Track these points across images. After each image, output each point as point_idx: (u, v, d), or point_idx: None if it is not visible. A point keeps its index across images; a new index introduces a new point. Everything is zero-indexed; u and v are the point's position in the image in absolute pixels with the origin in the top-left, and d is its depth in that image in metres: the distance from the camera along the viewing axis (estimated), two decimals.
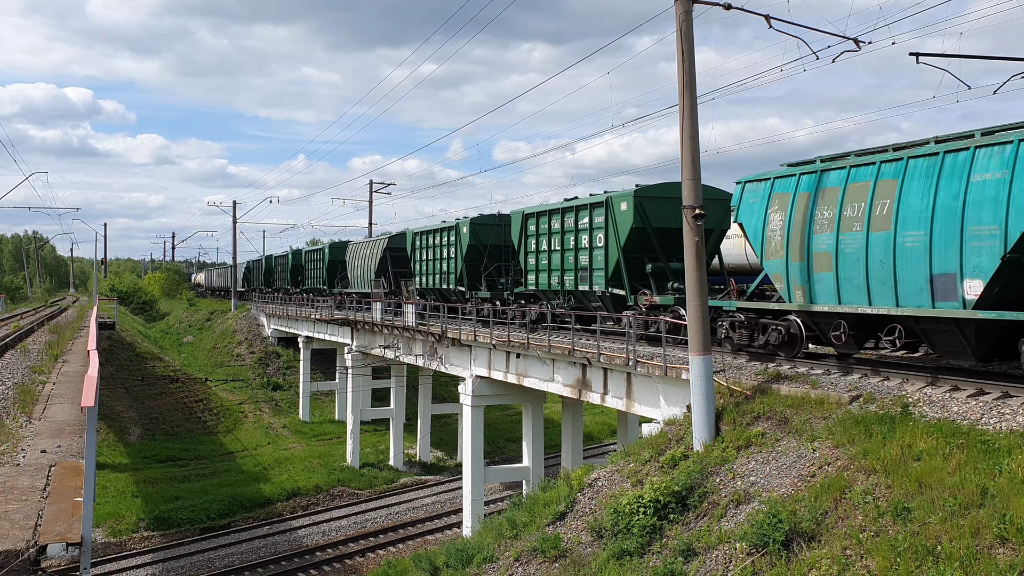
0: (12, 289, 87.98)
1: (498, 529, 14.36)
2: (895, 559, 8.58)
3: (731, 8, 14.08)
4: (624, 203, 20.81)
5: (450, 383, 40.75)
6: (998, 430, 10.25)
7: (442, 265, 31.56)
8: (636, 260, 20.93)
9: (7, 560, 7.41)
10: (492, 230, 29.35)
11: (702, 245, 13.96)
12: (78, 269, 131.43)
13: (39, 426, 13.67)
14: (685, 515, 11.73)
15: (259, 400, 45.19)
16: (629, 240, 20.68)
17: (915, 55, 14.26)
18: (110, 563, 25.29)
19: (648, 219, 20.50)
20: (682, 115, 13.67)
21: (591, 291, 22.20)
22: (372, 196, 57.00)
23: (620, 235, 20.92)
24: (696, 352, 13.52)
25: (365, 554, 26.43)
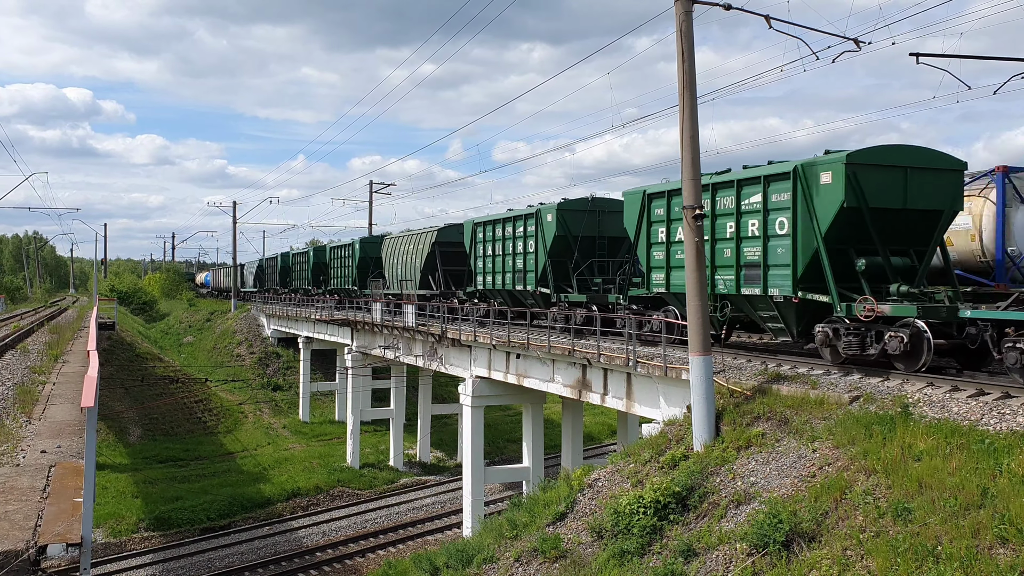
0: (12, 289, 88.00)
1: (498, 529, 14.36)
2: (895, 559, 8.58)
3: (731, 8, 14.08)
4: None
5: (450, 383, 40.74)
6: (998, 430, 10.25)
7: (515, 262, 26.46)
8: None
9: (7, 561, 7.41)
10: (583, 218, 24.02)
11: (702, 245, 13.97)
12: (78, 269, 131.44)
13: (39, 426, 13.66)
14: (685, 515, 11.72)
15: (259, 400, 45.18)
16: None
17: (915, 55, 14.28)
18: (110, 563, 25.28)
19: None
20: (682, 115, 13.67)
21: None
22: (372, 196, 57.02)
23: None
24: (696, 352, 13.52)
25: (365, 554, 26.42)
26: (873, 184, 14.42)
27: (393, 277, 37.81)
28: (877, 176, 14.47)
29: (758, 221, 15.82)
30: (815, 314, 15.17)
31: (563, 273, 24.04)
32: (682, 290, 15.85)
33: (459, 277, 32.89)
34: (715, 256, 16.70)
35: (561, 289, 23.96)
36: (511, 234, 26.43)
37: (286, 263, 62.02)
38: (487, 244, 27.84)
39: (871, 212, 14.42)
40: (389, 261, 38.30)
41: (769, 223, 15.60)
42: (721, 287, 16.62)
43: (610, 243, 24.18)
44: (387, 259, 38.59)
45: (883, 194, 14.51)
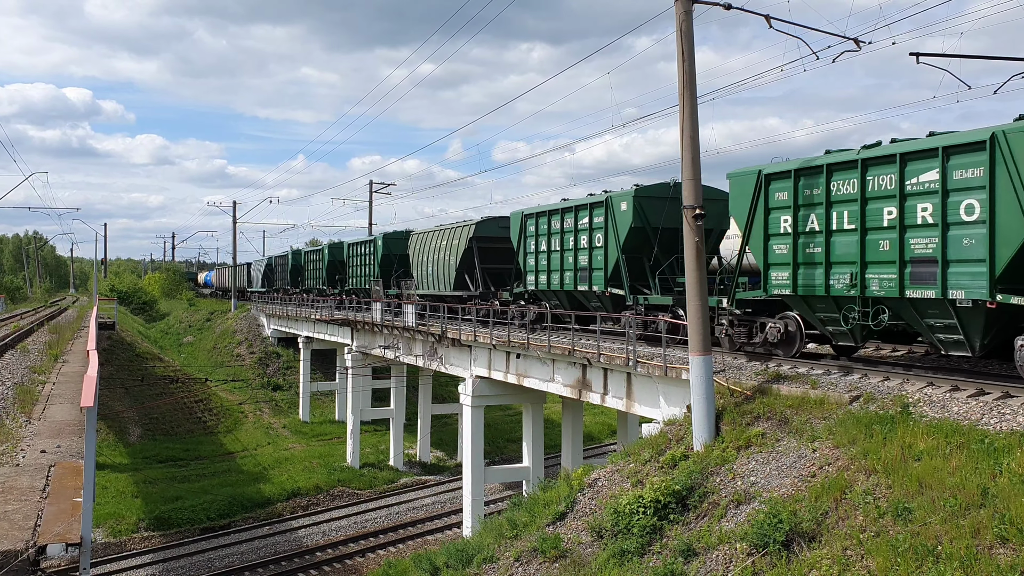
0: (12, 289, 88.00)
1: (498, 529, 14.36)
2: (895, 559, 8.57)
3: (731, 8, 14.08)
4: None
5: (450, 383, 40.75)
6: (998, 430, 10.25)
7: (577, 258, 22.45)
8: None
9: (7, 560, 7.41)
10: (664, 207, 20.21)
11: (702, 245, 13.96)
12: (78, 269, 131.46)
13: (39, 426, 13.66)
14: (685, 515, 11.72)
15: (259, 400, 45.18)
16: None
17: (915, 55, 14.26)
18: (110, 563, 25.28)
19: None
20: (682, 115, 13.67)
21: None
22: (372, 196, 57.03)
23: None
24: (696, 352, 13.52)
25: (365, 554, 26.42)
26: None
27: (423, 276, 34.24)
28: None
29: (932, 205, 12.65)
30: (1013, 323, 12.36)
31: (639, 271, 20.64)
32: (816, 291, 14.24)
33: (500, 276, 29.77)
34: (865, 250, 13.59)
35: (637, 290, 20.51)
36: (572, 226, 22.55)
37: (298, 262, 57.93)
38: (541, 238, 24.16)
39: None
40: (418, 259, 34.71)
41: (950, 207, 12.44)
42: (875, 288, 13.47)
43: None
44: (416, 256, 35.07)
45: None
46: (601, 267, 21.28)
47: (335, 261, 48.83)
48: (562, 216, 23.07)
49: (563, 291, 23.01)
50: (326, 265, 49.34)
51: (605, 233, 21.08)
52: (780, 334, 15.62)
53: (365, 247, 42.67)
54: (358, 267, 43.83)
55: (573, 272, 22.54)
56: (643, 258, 20.41)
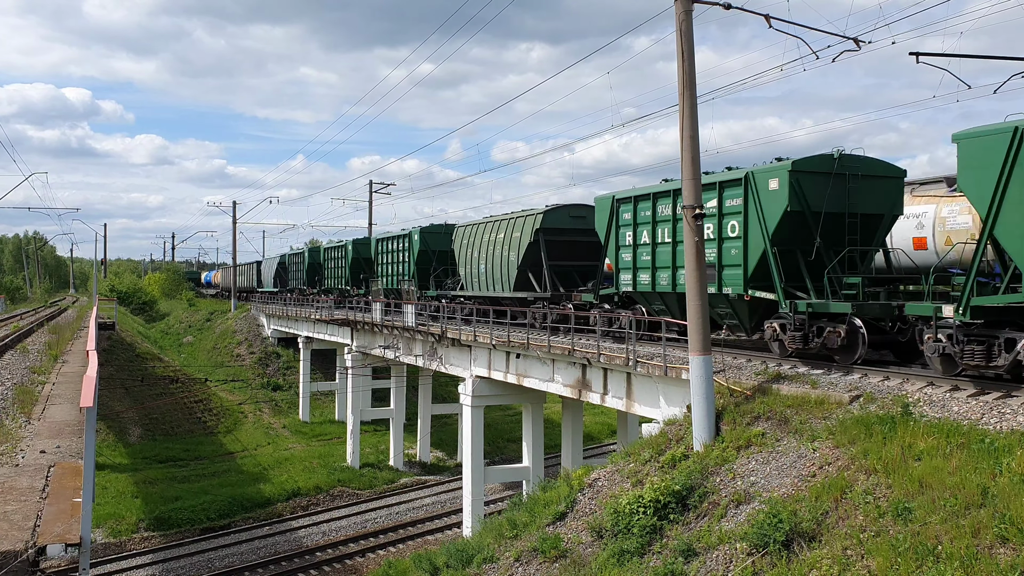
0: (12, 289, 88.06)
1: (498, 529, 14.36)
2: (896, 559, 8.57)
3: (731, 8, 14.07)
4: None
5: (450, 383, 40.72)
6: (999, 430, 10.25)
7: None
8: None
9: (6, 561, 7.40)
10: (826, 185, 15.71)
11: (702, 245, 13.96)
12: (78, 269, 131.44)
13: (38, 426, 13.65)
14: (685, 515, 11.72)
15: (259, 400, 45.17)
16: None
17: (915, 55, 14.25)
18: (110, 564, 25.27)
19: None
20: (682, 115, 13.67)
21: None
22: (372, 196, 57.03)
23: None
24: (696, 352, 13.51)
25: (365, 554, 26.42)
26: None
27: (473, 275, 29.81)
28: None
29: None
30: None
31: (793, 268, 15.77)
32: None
33: (570, 275, 25.51)
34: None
35: (793, 294, 15.74)
36: None
37: (316, 259, 53.53)
38: (641, 228, 19.50)
39: None
40: (467, 255, 30.37)
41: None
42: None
43: (865, 223, 16.09)
44: (463, 253, 30.74)
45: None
46: (737, 263, 16.55)
47: (360, 259, 44.57)
48: (673, 199, 18.22)
49: (674, 293, 18.45)
50: (350, 263, 45.15)
51: (744, 219, 16.35)
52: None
53: (397, 243, 38.18)
54: (388, 265, 39.48)
55: None
56: (797, 252, 15.67)
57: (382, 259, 40.56)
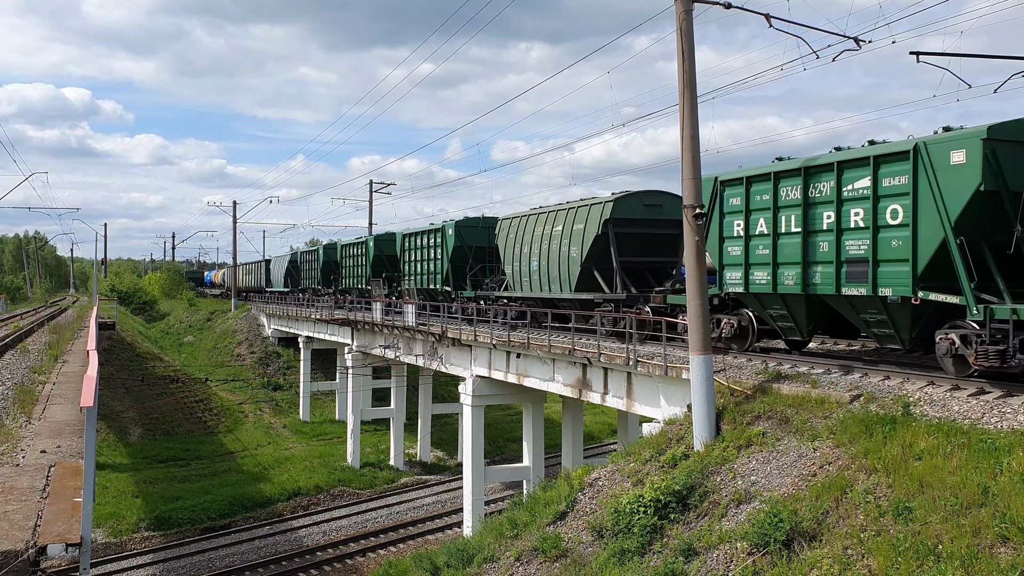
0: (12, 289, 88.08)
1: (499, 529, 14.35)
2: (896, 558, 8.57)
3: (731, 7, 14.07)
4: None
5: (450, 383, 40.72)
6: (999, 429, 10.24)
7: (841, 244, 14.21)
8: None
9: (7, 561, 7.40)
10: None
11: (702, 244, 13.96)
12: (78, 269, 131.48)
13: (39, 426, 13.66)
14: (686, 515, 11.71)
15: (259, 400, 45.18)
16: None
17: (915, 54, 14.24)
18: (110, 563, 25.28)
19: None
20: (682, 114, 13.66)
21: None
22: (372, 196, 57.05)
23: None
24: (696, 352, 13.51)
25: (366, 554, 26.42)
26: None
27: (522, 274, 26.45)
28: None
29: None
30: None
31: (982, 265, 12.47)
32: None
33: (642, 273, 22.70)
34: None
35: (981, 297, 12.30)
36: (829, 194, 14.23)
37: (331, 257, 49.69)
38: (757, 215, 15.83)
39: None
40: (515, 251, 26.96)
41: None
42: None
43: None
44: (510, 249, 27.33)
45: None
46: (902, 257, 13.20)
47: (383, 256, 40.40)
48: (805, 180, 14.79)
49: (803, 295, 15.02)
50: (371, 261, 41.06)
51: (913, 202, 12.98)
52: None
53: (428, 239, 34.21)
54: (417, 263, 35.59)
55: (832, 266, 14.18)
56: (982, 243, 12.48)
57: (409, 257, 36.55)
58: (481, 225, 31.57)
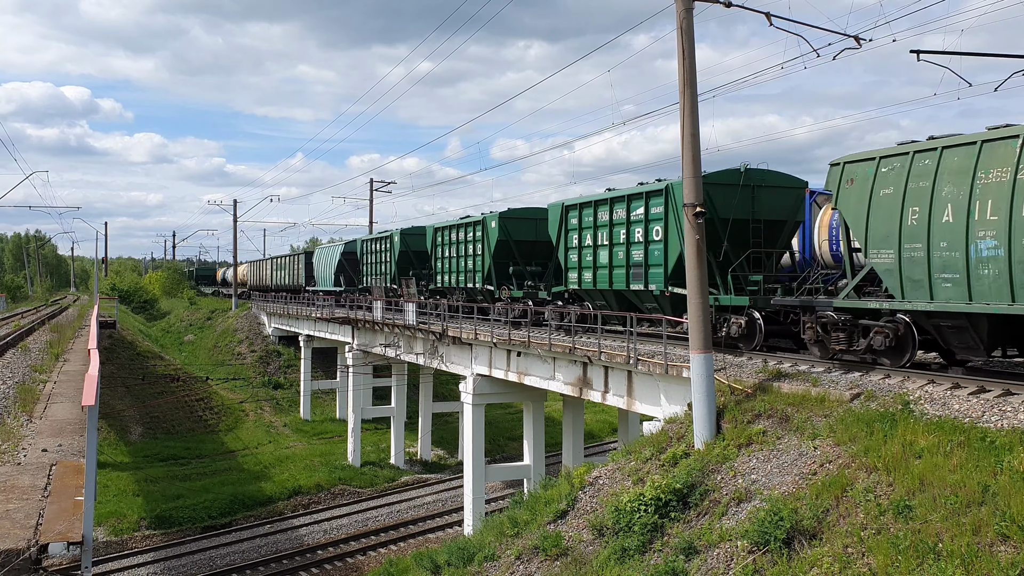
0: (13, 288, 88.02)
1: (499, 527, 14.36)
2: (896, 557, 8.58)
3: (732, 5, 14.06)
4: None
5: (451, 381, 40.76)
6: (999, 428, 10.24)
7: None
8: None
9: (8, 559, 7.41)
10: None
11: (703, 244, 13.96)
12: (79, 268, 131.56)
13: (40, 425, 13.66)
14: (686, 513, 11.72)
15: (260, 399, 45.21)
16: None
17: (916, 52, 14.23)
18: (111, 562, 25.31)
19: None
20: (683, 113, 13.66)
21: None
22: (372, 194, 57.06)
23: None
24: (697, 350, 13.52)
25: (366, 552, 26.44)
26: None
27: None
28: None
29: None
30: None
31: None
32: None
33: None
34: None
35: None
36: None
37: (418, 247, 36.15)
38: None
39: None
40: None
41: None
42: None
43: None
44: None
45: None
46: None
47: (508, 243, 27.62)
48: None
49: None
50: (492, 249, 27.82)
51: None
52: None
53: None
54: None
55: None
56: None
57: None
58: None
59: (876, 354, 13.92)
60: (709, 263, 19.35)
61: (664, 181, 19.24)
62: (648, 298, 19.99)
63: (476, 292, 29.35)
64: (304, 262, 55.05)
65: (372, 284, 41.10)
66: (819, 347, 15.08)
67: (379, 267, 40.19)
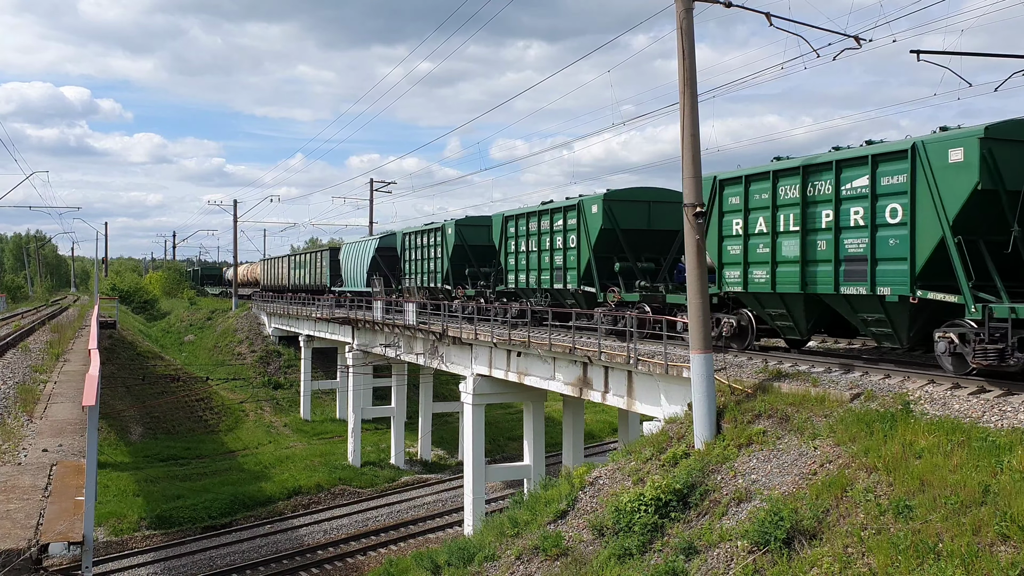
0: (13, 288, 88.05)
1: (499, 527, 14.37)
2: (896, 557, 8.58)
3: (732, 6, 14.07)
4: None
5: (451, 381, 40.76)
6: (999, 428, 10.25)
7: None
8: None
9: (9, 559, 7.42)
10: None
11: (703, 243, 13.96)
12: (79, 268, 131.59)
13: (40, 425, 13.67)
14: (686, 513, 11.73)
15: (260, 399, 45.22)
16: None
17: (916, 52, 14.23)
18: (112, 562, 25.32)
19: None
20: (683, 113, 13.66)
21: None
22: (373, 195, 57.08)
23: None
24: (697, 350, 13.52)
25: (366, 553, 26.45)
26: None
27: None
28: None
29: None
30: None
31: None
32: None
33: None
34: None
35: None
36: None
37: (476, 240, 30.55)
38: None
39: None
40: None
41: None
42: None
43: None
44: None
45: None
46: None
47: (615, 233, 22.20)
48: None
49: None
50: (593, 242, 22.37)
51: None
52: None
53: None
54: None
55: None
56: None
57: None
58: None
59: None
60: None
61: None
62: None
63: (567, 295, 23.82)
64: (329, 259, 49.09)
65: (413, 285, 34.97)
66: None
67: (425, 264, 34.00)
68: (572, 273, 23.25)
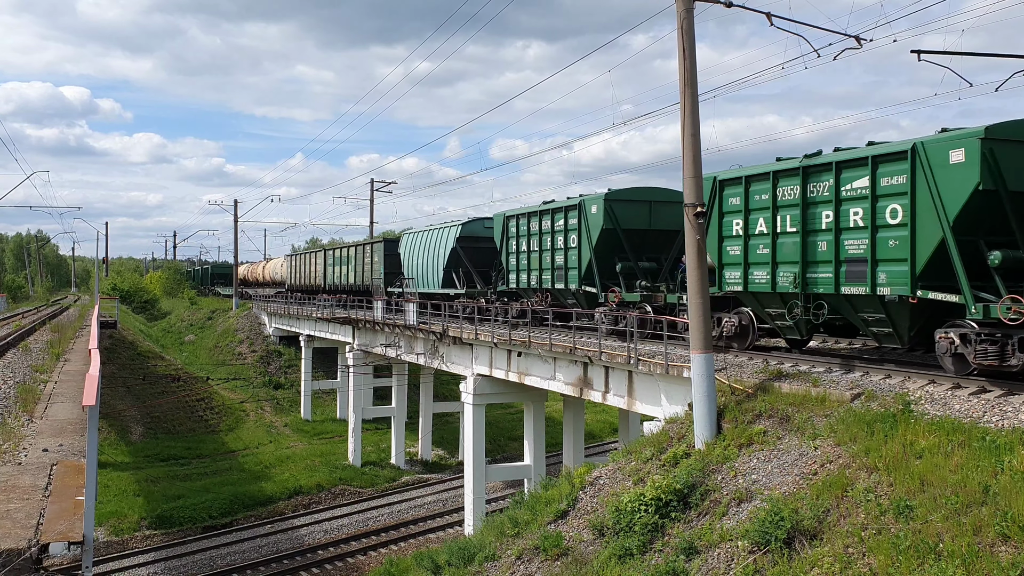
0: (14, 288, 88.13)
1: (500, 527, 14.36)
2: (897, 557, 8.58)
3: (732, 5, 14.06)
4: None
5: (452, 381, 40.76)
6: (1000, 428, 10.24)
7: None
8: None
9: (9, 559, 7.42)
10: None
11: (703, 243, 13.96)
12: (79, 268, 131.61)
13: (41, 425, 13.67)
14: (687, 513, 11.72)
15: (260, 399, 45.22)
16: None
17: (916, 52, 14.23)
18: (112, 562, 25.32)
19: None
20: (683, 113, 13.66)
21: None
22: (373, 195, 57.08)
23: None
24: (698, 350, 13.52)
25: (367, 552, 26.45)
26: None
27: None
28: None
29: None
30: None
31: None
32: None
33: None
34: None
35: None
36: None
37: (620, 223, 22.12)
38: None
39: None
40: None
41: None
42: None
43: None
44: None
45: None
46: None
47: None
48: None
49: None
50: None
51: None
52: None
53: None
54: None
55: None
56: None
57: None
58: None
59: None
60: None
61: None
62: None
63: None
64: (383, 253, 39.74)
65: (525, 285, 26.28)
66: None
67: (546, 257, 24.96)
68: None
